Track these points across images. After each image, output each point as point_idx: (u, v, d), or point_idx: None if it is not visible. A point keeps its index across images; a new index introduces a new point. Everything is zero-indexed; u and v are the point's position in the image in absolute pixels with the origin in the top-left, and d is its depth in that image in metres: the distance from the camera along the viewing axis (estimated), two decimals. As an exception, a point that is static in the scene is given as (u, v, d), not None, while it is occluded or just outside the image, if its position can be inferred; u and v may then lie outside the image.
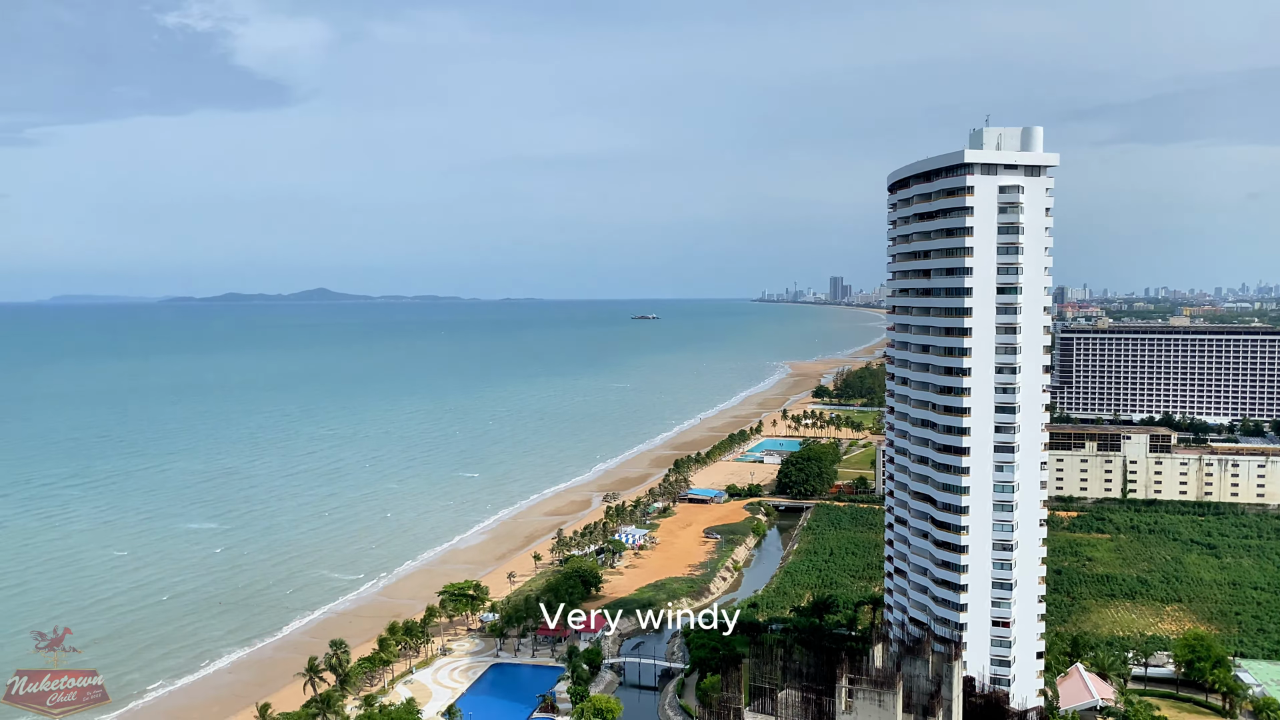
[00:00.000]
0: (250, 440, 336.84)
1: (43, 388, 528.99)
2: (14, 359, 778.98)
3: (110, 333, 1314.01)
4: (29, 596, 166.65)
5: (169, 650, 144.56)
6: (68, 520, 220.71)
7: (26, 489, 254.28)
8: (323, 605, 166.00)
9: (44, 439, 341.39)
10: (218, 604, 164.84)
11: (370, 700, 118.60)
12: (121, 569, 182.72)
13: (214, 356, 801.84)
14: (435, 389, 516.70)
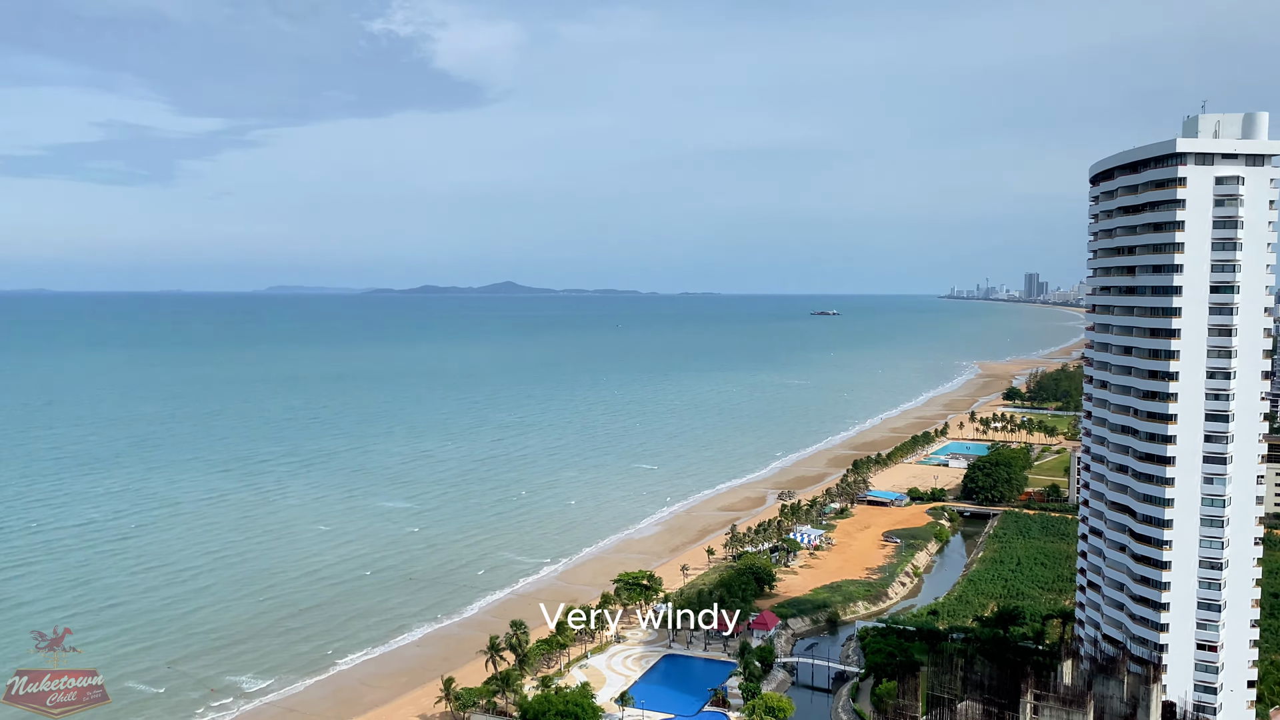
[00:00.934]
0: (442, 426, 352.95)
1: (262, 371, 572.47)
2: (237, 344, 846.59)
3: (318, 321, 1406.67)
4: (251, 564, 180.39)
5: (367, 622, 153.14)
6: (281, 495, 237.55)
7: (247, 464, 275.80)
8: (505, 587, 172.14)
9: (263, 419, 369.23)
10: (409, 580, 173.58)
11: (547, 681, 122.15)
12: (327, 543, 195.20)
13: (410, 346, 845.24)
14: (615, 381, 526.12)
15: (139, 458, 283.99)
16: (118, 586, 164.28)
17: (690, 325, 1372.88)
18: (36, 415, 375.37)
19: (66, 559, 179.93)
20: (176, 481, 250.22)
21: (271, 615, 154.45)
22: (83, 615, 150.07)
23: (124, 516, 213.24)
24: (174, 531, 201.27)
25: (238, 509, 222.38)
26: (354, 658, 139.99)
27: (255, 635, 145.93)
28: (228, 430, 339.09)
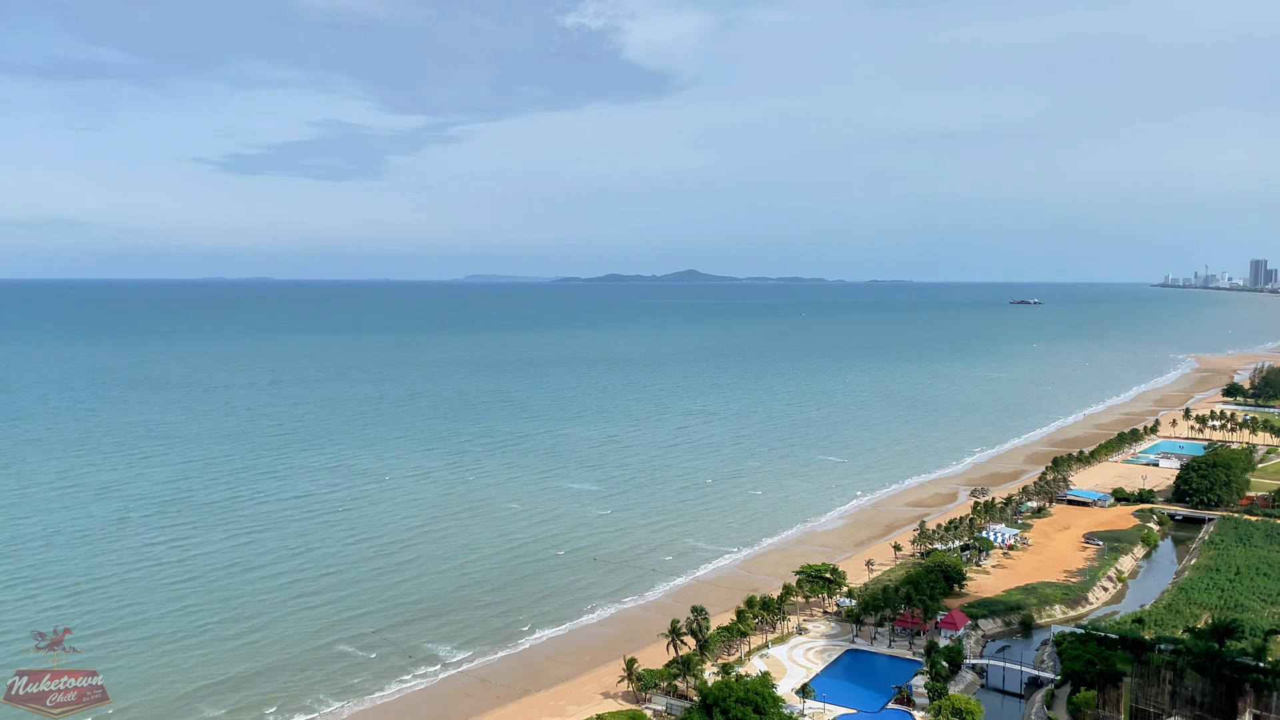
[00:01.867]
0: (627, 412, 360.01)
1: (460, 355, 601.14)
2: (438, 330, 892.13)
3: (509, 309, 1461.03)
4: (451, 540, 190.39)
5: (555, 600, 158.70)
6: (479, 474, 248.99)
7: (448, 443, 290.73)
8: (687, 572, 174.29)
9: (461, 400, 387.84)
10: (595, 561, 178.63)
11: (727, 668, 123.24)
12: (520, 522, 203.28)
13: (595, 333, 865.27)
14: (801, 371, 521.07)
15: (351, 435, 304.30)
16: (333, 556, 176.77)
17: (879, 314, 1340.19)
18: (262, 394, 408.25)
19: (288, 528, 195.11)
20: (384, 458, 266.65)
21: (469, 589, 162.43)
22: (302, 582, 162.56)
23: (338, 490, 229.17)
24: (382, 506, 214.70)
25: (440, 486, 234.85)
26: (542, 634, 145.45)
27: (453, 607, 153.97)
28: (430, 411, 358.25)
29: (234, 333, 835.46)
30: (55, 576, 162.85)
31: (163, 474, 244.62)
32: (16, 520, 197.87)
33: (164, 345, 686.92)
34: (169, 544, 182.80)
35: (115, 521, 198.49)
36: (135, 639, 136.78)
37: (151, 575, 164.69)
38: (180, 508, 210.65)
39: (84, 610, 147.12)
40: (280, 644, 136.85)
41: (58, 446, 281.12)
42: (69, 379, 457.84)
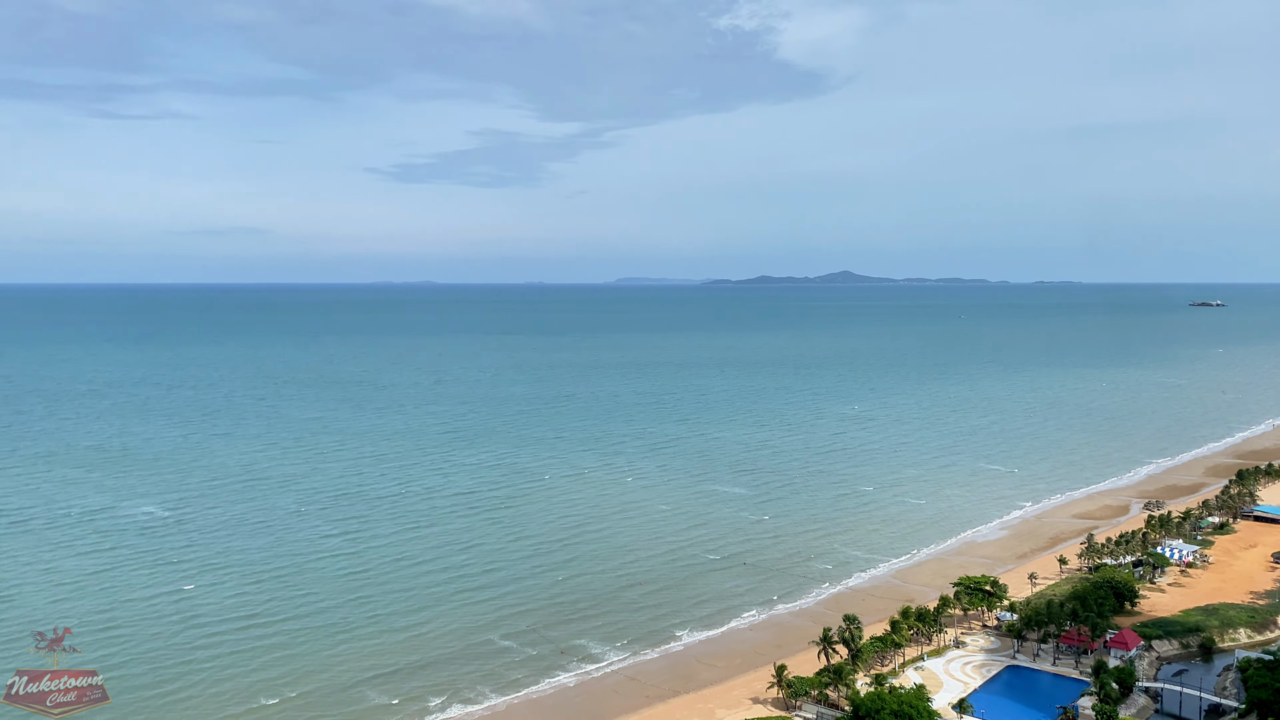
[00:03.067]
0: (780, 416, 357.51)
1: (610, 356, 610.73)
2: (589, 332, 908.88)
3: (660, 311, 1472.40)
4: (605, 539, 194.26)
5: (705, 602, 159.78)
6: (632, 475, 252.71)
7: (602, 444, 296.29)
8: (840, 580, 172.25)
9: (614, 401, 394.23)
10: (745, 565, 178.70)
11: (880, 679, 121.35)
12: (672, 524, 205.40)
13: (746, 335, 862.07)
14: (963, 376, 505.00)
15: (510, 434, 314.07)
16: (495, 553, 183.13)
17: (1045, 316, 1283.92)
18: (426, 392, 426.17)
19: (452, 524, 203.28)
20: (541, 458, 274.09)
21: (621, 589, 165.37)
22: (465, 578, 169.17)
23: (498, 488, 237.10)
24: (540, 504, 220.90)
25: (594, 486, 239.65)
26: (692, 636, 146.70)
27: (607, 606, 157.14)
28: (584, 412, 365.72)
29: (400, 334, 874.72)
30: (240, 565, 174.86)
31: (336, 469, 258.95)
32: (207, 510, 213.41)
33: (337, 346, 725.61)
34: (342, 536, 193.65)
35: (293, 513, 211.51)
36: (312, 626, 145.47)
37: (326, 566, 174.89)
38: (352, 501, 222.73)
39: (265, 599, 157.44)
40: (444, 637, 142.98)
41: (242, 441, 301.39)
42: (253, 377, 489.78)
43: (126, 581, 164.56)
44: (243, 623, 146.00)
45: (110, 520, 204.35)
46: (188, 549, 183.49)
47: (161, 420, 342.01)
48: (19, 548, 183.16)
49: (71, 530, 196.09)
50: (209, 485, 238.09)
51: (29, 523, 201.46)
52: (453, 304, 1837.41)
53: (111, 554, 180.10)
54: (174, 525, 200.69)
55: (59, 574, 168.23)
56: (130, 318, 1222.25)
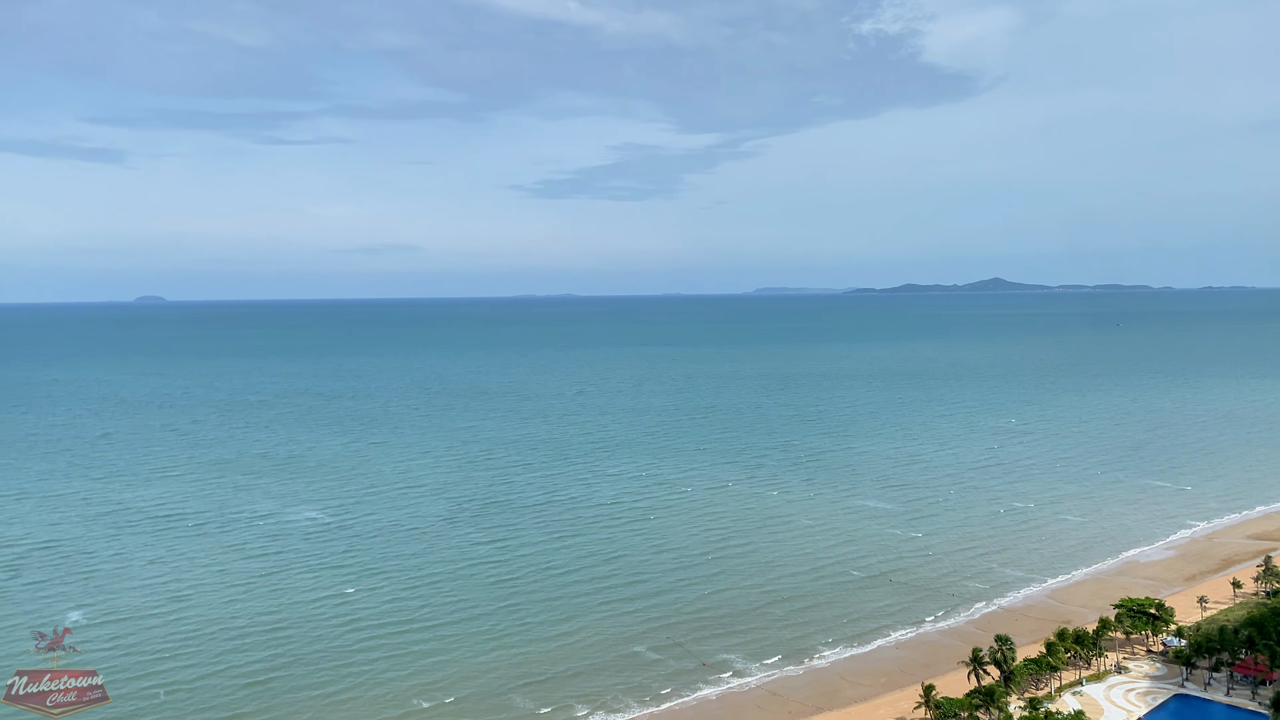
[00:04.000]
0: (930, 429, 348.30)
1: (752, 368, 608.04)
2: (728, 343, 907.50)
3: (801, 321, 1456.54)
4: (746, 552, 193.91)
5: (849, 619, 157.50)
6: (775, 489, 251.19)
7: (745, 457, 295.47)
8: (990, 599, 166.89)
9: (756, 413, 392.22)
10: (891, 582, 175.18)
11: (1035, 704, 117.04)
12: (814, 538, 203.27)
13: (891, 345, 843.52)
14: (1125, 388, 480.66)
15: (652, 445, 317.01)
16: (640, 565, 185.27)
17: (1214, 323, 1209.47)
18: (570, 402, 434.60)
19: (598, 534, 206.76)
20: (684, 469, 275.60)
21: (764, 603, 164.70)
22: (610, 589, 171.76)
23: (642, 499, 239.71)
24: (683, 516, 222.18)
25: (737, 499, 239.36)
26: (835, 652, 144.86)
27: (748, 620, 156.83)
28: (726, 423, 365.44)
29: (543, 346, 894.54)
30: (397, 570, 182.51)
31: (485, 477, 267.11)
32: (366, 516, 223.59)
33: (485, 357, 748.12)
34: (491, 544, 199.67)
35: (445, 520, 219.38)
36: (465, 633, 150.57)
37: (477, 573, 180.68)
38: (501, 509, 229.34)
39: (420, 604, 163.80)
40: (590, 647, 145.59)
41: (397, 449, 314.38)
42: (407, 388, 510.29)
43: (292, 584, 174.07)
44: (399, 627, 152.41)
45: (277, 525, 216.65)
46: (347, 554, 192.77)
47: (323, 429, 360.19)
48: (196, 550, 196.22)
49: (242, 534, 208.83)
50: (367, 492, 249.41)
51: (205, 526, 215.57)
52: (592, 316, 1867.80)
53: (278, 557, 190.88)
54: (335, 530, 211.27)
55: (232, 575, 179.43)
56: (292, 332, 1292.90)
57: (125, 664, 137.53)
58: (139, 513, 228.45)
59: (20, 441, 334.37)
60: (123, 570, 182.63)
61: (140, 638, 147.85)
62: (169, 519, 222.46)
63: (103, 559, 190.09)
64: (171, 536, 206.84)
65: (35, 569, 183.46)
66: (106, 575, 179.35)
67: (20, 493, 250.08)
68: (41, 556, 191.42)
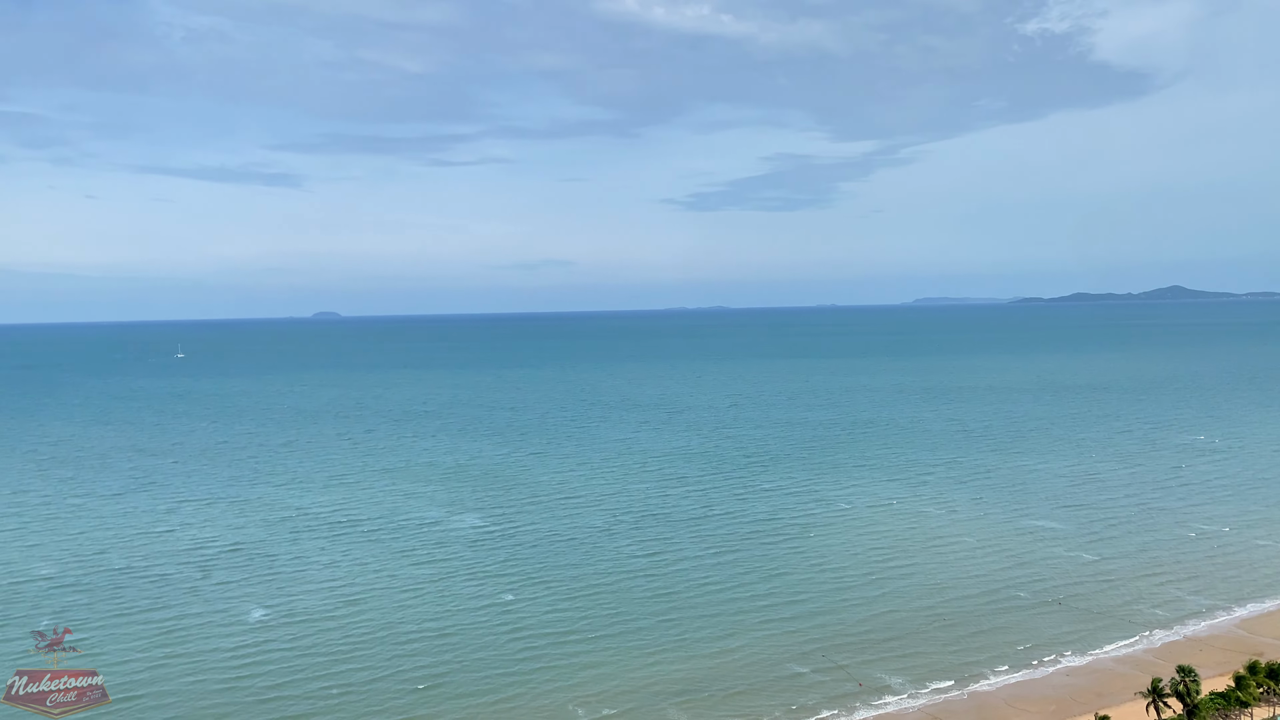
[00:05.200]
0: (1108, 444, 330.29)
1: (911, 380, 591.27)
2: (887, 354, 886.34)
3: (962, 332, 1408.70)
4: (907, 571, 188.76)
5: (1014, 643, 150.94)
6: (940, 507, 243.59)
7: (908, 473, 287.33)
8: (1171, 626, 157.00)
9: (918, 428, 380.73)
10: (1061, 605, 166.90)
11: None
12: (980, 559, 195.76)
13: (1059, 357, 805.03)
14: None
15: (808, 460, 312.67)
16: (800, 583, 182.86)
17: None
18: (723, 415, 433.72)
19: (755, 550, 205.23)
20: (843, 485, 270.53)
21: (925, 624, 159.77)
22: (769, 608, 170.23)
23: (798, 515, 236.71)
24: (842, 534, 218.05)
25: (899, 517, 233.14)
26: (1001, 678, 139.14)
27: (909, 641, 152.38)
28: (885, 438, 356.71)
29: (695, 358, 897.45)
30: (556, 580, 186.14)
31: (641, 489, 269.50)
32: (525, 525, 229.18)
33: (638, 369, 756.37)
34: (648, 556, 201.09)
35: (602, 531, 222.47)
36: (623, 646, 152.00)
37: (635, 585, 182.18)
38: (657, 522, 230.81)
39: (579, 615, 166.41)
40: (748, 665, 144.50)
41: (555, 460, 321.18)
42: (563, 399, 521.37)
43: (456, 591, 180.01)
44: (559, 637, 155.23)
45: (443, 531, 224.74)
46: (508, 562, 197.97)
47: (485, 439, 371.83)
48: (368, 555, 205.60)
49: (411, 540, 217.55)
50: (527, 501, 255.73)
51: (377, 532, 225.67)
52: (744, 328, 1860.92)
53: (444, 564, 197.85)
54: (497, 538, 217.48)
55: (401, 580, 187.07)
56: (455, 345, 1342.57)
57: (304, 664, 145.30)
58: (316, 518, 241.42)
59: (211, 449, 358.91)
60: (301, 573, 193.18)
61: (318, 639, 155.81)
62: (343, 524, 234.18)
63: (283, 561, 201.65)
64: (346, 541, 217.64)
65: (223, 570, 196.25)
66: (287, 577, 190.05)
67: (211, 498, 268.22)
68: (229, 558, 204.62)
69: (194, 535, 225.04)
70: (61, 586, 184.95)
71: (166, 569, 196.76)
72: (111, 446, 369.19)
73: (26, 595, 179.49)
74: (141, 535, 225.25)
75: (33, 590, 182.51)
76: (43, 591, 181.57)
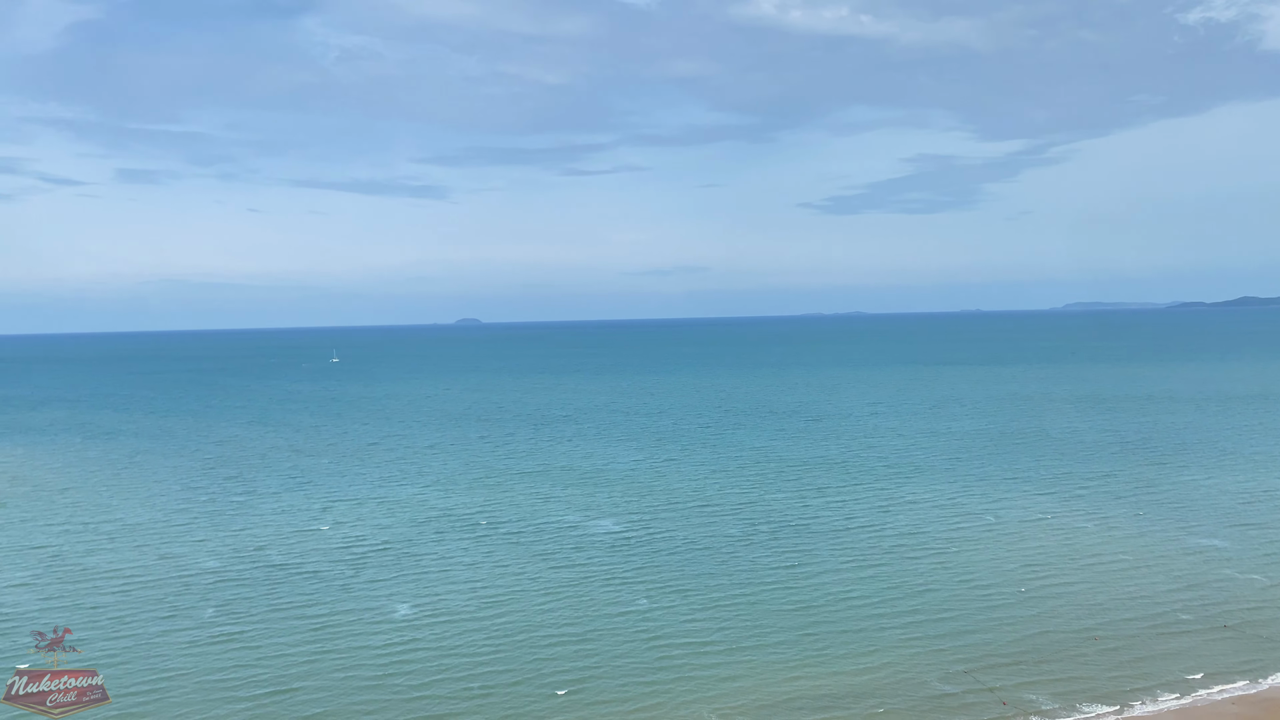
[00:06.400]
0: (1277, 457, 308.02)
1: (1064, 389, 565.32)
2: (1039, 361, 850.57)
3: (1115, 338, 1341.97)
4: (1064, 594, 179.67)
5: (1173, 667, 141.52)
6: (1095, 523, 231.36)
7: (1062, 486, 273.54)
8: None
9: (1072, 439, 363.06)
10: (1227, 629, 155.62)
11: None
12: (1136, 579, 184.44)
13: (1223, 364, 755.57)
14: None
15: (953, 471, 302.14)
16: (944, 599, 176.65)
17: None
18: (861, 423, 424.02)
19: (897, 565, 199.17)
20: (992, 498, 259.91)
21: (1076, 644, 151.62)
22: (914, 625, 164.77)
23: (944, 528, 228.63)
24: (990, 548, 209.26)
25: (1050, 532, 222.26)
26: (1160, 704, 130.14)
27: (1058, 661, 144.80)
28: (1034, 449, 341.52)
29: (831, 365, 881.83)
30: (692, 589, 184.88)
31: (779, 498, 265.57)
32: (661, 531, 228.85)
33: (772, 375, 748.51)
34: (787, 568, 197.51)
35: (738, 540, 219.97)
36: (764, 660, 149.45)
37: (773, 597, 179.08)
38: (796, 532, 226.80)
39: (717, 626, 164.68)
40: (894, 683, 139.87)
41: (689, 466, 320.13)
42: (696, 406, 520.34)
43: (593, 596, 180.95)
44: (697, 647, 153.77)
45: (579, 535, 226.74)
46: (644, 569, 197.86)
47: (620, 444, 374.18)
48: (509, 557, 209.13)
49: (550, 543, 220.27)
50: (663, 507, 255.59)
51: (517, 535, 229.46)
52: (883, 334, 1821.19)
53: (582, 568, 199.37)
54: (633, 544, 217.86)
55: (541, 583, 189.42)
56: (590, 350, 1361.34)
57: (448, 664, 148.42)
58: (459, 519, 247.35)
59: (362, 450, 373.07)
60: (446, 573, 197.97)
61: (461, 639, 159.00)
62: (485, 525, 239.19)
63: (429, 561, 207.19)
64: (488, 542, 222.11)
65: (373, 568, 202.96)
66: (433, 577, 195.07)
67: (361, 497, 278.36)
68: (378, 557, 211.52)
69: (345, 534, 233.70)
70: (225, 580, 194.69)
71: (320, 565, 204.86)
72: (271, 446, 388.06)
73: (195, 588, 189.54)
74: (297, 533, 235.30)
75: (201, 584, 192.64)
76: (209, 585, 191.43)
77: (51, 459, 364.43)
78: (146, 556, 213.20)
